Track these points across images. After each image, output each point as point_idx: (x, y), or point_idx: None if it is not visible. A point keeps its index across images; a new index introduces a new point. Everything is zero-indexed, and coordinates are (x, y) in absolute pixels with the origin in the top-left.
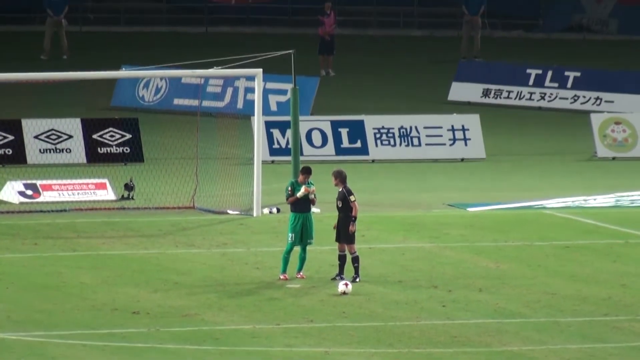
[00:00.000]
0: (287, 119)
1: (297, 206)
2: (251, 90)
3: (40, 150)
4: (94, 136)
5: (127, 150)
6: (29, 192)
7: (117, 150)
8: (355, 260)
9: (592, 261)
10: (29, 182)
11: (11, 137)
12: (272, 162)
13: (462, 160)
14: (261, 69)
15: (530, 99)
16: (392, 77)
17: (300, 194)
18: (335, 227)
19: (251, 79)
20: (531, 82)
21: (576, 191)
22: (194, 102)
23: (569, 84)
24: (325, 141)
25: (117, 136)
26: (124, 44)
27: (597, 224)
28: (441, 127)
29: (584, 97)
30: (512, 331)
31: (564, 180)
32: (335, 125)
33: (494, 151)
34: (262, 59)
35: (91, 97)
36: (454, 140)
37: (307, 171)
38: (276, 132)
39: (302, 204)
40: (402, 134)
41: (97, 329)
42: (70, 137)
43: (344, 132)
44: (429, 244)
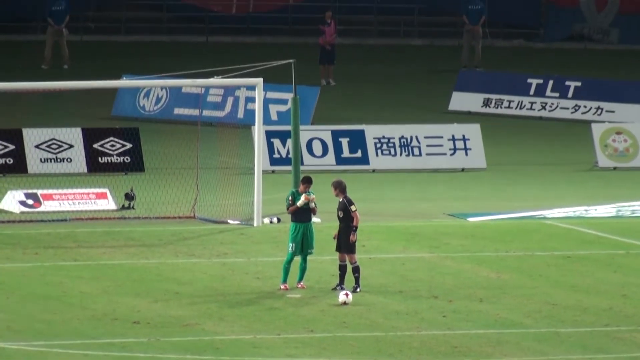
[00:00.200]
0: (288, 128)
1: (298, 216)
2: (252, 99)
3: (41, 159)
4: (95, 146)
5: (127, 159)
6: (30, 201)
7: (117, 159)
8: (355, 270)
9: (593, 271)
10: (30, 191)
11: (12, 147)
12: (273, 171)
13: (463, 170)
14: (262, 79)
15: (531, 109)
16: (392, 86)
17: (300, 202)
18: (335, 237)
19: (252, 88)
20: (532, 91)
21: (577, 201)
22: (195, 112)
23: (570, 94)
24: (325, 151)
25: (118, 146)
26: (125, 54)
27: (598, 234)
28: (442, 137)
29: (585, 106)
30: (513, 341)
31: (565, 190)
32: (335, 134)
33: (495, 161)
34: (263, 69)
35: (92, 107)
36: (455, 150)
37: (307, 181)
38: (277, 142)
39: (302, 213)
40: (402, 144)
41: (98, 338)
42: (71, 146)
43: (345, 141)
44: (429, 254)
